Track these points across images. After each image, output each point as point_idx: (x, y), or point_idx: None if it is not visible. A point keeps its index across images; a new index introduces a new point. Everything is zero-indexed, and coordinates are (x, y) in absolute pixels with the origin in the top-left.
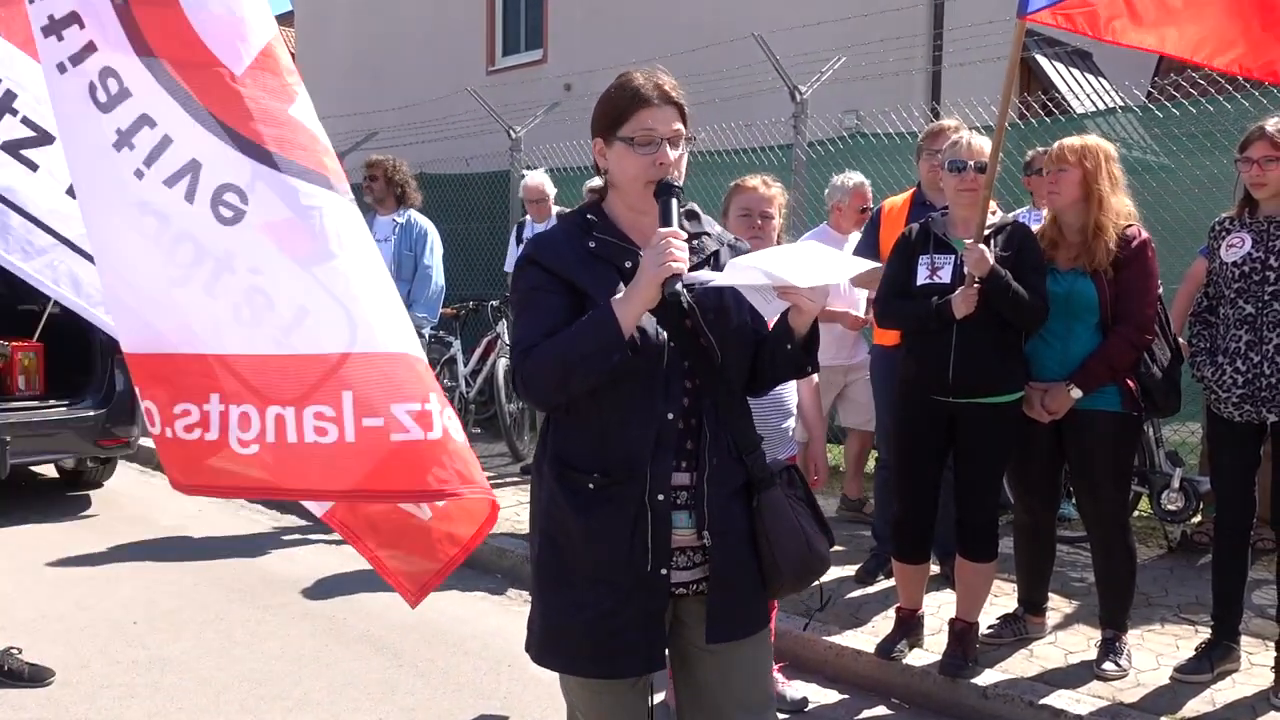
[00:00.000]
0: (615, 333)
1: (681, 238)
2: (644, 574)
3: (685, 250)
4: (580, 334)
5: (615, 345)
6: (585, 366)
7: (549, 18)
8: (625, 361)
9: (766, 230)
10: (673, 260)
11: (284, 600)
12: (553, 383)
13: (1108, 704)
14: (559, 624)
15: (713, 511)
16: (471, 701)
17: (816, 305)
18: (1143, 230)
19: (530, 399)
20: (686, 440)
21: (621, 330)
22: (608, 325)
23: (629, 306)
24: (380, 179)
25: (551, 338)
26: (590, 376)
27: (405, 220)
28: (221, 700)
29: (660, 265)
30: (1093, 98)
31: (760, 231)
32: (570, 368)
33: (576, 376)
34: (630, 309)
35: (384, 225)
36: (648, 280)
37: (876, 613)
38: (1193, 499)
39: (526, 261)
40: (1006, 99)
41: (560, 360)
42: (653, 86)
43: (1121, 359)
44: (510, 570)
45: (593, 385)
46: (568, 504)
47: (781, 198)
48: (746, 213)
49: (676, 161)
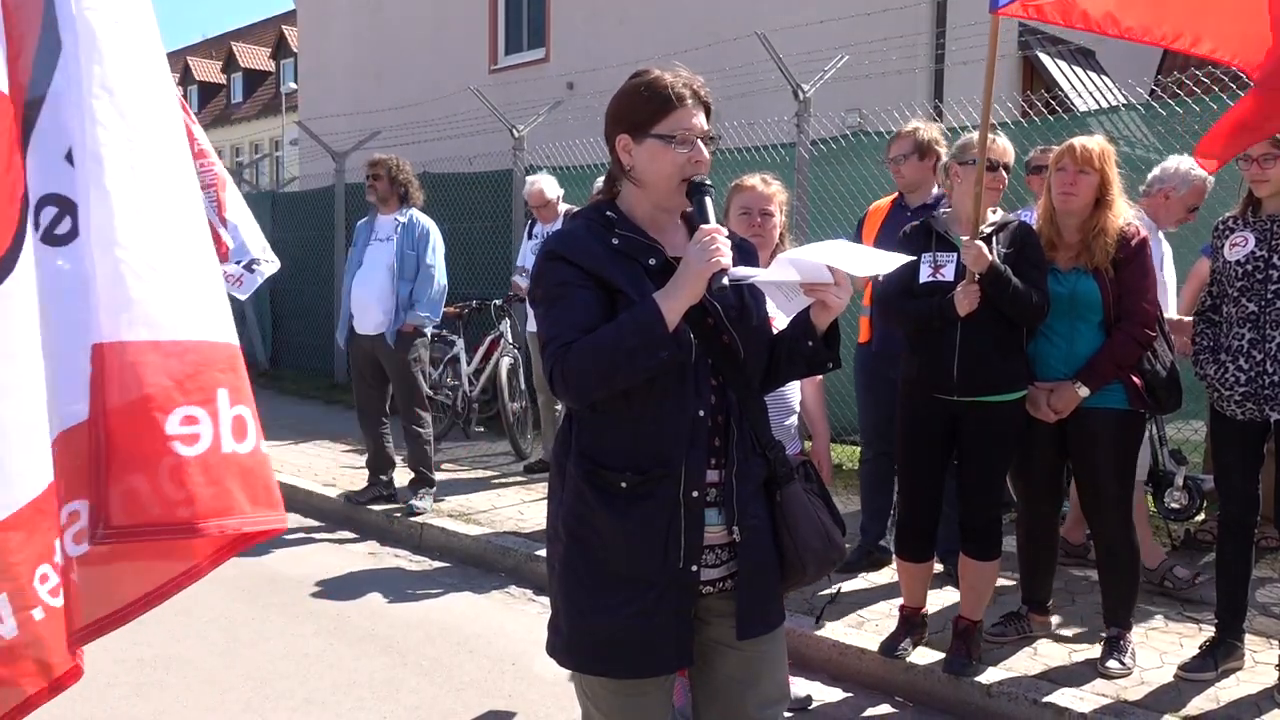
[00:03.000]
0: (662, 328)
1: (724, 234)
2: (677, 572)
3: (729, 246)
4: (626, 329)
5: (662, 341)
6: (632, 363)
7: (551, 16)
8: (673, 357)
9: (767, 228)
10: (720, 255)
11: (289, 599)
12: (596, 379)
13: (1111, 702)
14: (591, 625)
15: (741, 507)
16: (476, 700)
17: (843, 302)
18: (1141, 229)
19: (569, 396)
20: (715, 438)
21: (668, 326)
22: (654, 321)
23: (675, 302)
24: (384, 178)
25: (592, 334)
26: (636, 373)
27: (407, 219)
28: (227, 699)
29: (708, 261)
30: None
31: (760, 230)
32: (616, 364)
33: (622, 373)
34: (676, 304)
35: (386, 225)
36: (695, 275)
37: (880, 612)
38: (1196, 497)
39: (553, 256)
40: (989, 96)
41: (605, 357)
42: (685, 86)
43: (1127, 356)
44: (514, 569)
45: (637, 381)
46: (599, 503)
47: (781, 195)
48: (746, 211)
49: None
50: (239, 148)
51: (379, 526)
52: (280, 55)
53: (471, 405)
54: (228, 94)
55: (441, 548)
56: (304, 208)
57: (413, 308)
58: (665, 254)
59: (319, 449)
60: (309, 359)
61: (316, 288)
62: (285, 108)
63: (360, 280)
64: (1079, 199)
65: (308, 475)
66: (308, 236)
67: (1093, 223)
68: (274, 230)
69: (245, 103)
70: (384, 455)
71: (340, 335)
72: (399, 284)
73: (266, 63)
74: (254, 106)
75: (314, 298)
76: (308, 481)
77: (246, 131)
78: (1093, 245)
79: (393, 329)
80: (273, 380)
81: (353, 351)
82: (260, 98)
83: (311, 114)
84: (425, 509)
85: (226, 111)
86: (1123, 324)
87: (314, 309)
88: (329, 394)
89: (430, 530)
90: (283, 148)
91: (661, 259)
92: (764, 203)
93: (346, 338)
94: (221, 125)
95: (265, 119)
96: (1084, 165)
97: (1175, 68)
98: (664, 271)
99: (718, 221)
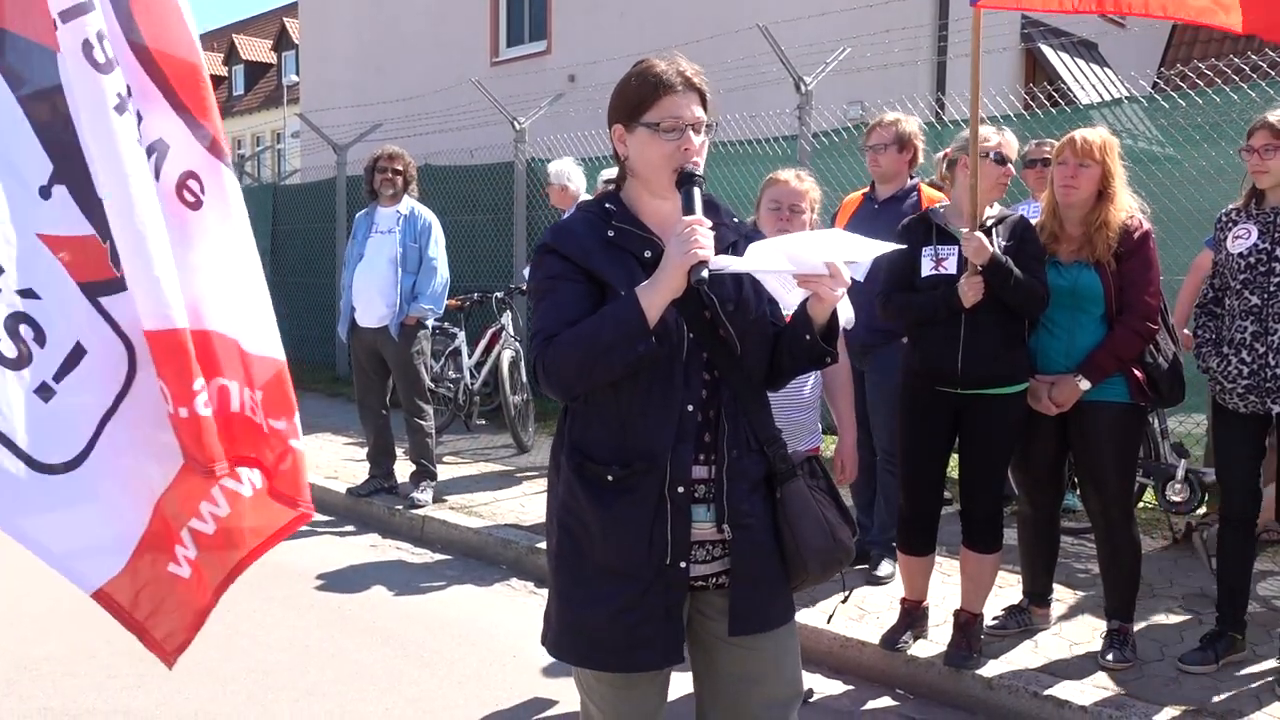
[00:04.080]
0: (640, 322)
1: (706, 225)
2: (663, 567)
3: (710, 238)
4: (605, 323)
5: (640, 334)
6: (610, 356)
7: (552, 9)
8: (650, 351)
9: (795, 224)
10: (698, 248)
11: (290, 591)
12: (575, 372)
13: (1112, 695)
14: (577, 617)
15: (733, 505)
16: (477, 692)
17: (837, 294)
18: (1144, 221)
19: (551, 388)
20: (705, 433)
21: (647, 319)
22: (633, 314)
23: (654, 295)
24: (404, 173)
25: (574, 326)
26: (615, 366)
27: (409, 212)
28: (228, 690)
29: (686, 253)
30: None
31: (789, 225)
32: (594, 357)
33: (600, 366)
34: (656, 298)
35: (388, 217)
36: (674, 268)
37: (881, 604)
38: (1198, 490)
39: (545, 250)
40: (976, 89)
41: (584, 349)
42: (675, 73)
43: (1128, 349)
44: (515, 562)
45: (616, 375)
46: (586, 496)
47: (815, 193)
48: (776, 205)
49: (699, 148)
50: (240, 140)
51: (380, 519)
52: (282, 47)
53: (473, 398)
54: (229, 86)
55: (443, 540)
56: (305, 200)
57: (415, 300)
58: (661, 246)
59: (321, 442)
60: (310, 352)
61: (318, 280)
62: (286, 100)
63: (362, 273)
64: (1080, 192)
65: (309, 468)
66: (309, 229)
67: (1094, 216)
68: (275, 223)
69: (247, 95)
70: (385, 448)
71: (342, 328)
72: (402, 277)
73: (268, 55)
74: (255, 99)
75: (315, 291)
76: (309, 474)
77: (248, 124)
78: (1094, 238)
79: (396, 321)
80: None
81: (354, 344)
82: (262, 90)
83: (313, 106)
84: (426, 502)
85: (228, 104)
86: (1124, 317)
87: (315, 302)
88: (330, 387)
89: (431, 523)
90: (284, 140)
91: (657, 251)
92: (795, 198)
93: (348, 330)
94: (223, 117)
95: (266, 111)
96: (1084, 158)
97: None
98: (658, 264)
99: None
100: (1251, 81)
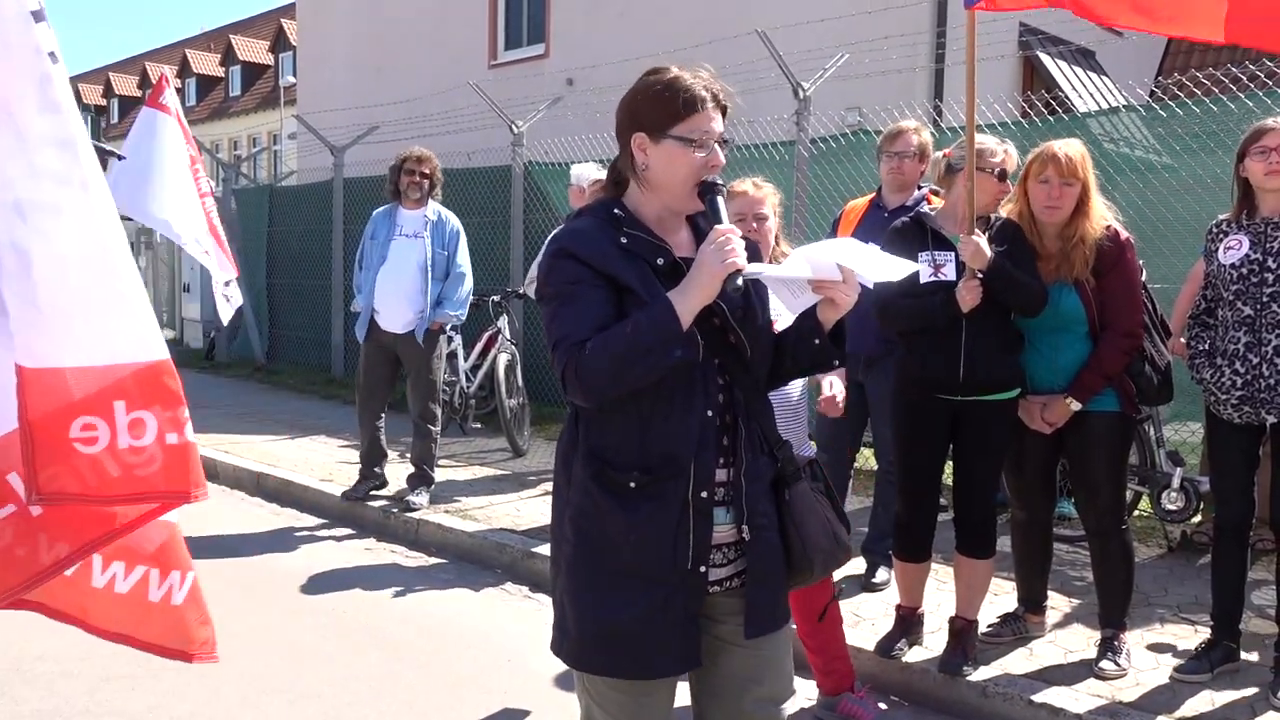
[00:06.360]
0: (677, 327)
1: (738, 234)
2: (685, 572)
3: (743, 246)
4: (642, 329)
5: (676, 340)
6: (646, 362)
7: (551, 12)
8: (688, 357)
9: (762, 232)
10: (734, 255)
11: (285, 594)
12: (609, 378)
13: (1106, 703)
14: (598, 625)
15: (751, 506)
16: (472, 695)
17: (851, 300)
18: (1122, 230)
19: (583, 395)
20: (723, 437)
21: (683, 325)
22: (669, 320)
23: (689, 301)
24: (431, 176)
25: (605, 332)
26: (650, 372)
27: (437, 217)
28: (222, 693)
29: (724, 262)
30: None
31: (757, 234)
32: (630, 363)
33: (636, 372)
34: (690, 303)
35: (413, 220)
36: (710, 275)
37: (877, 611)
38: (1193, 499)
39: (563, 254)
40: (971, 92)
41: (620, 355)
42: (706, 89)
43: (1113, 365)
44: (510, 565)
45: (649, 381)
46: (607, 502)
47: (774, 197)
48: (741, 217)
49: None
50: (237, 141)
51: (375, 522)
52: (279, 49)
53: (468, 401)
54: (226, 87)
55: (438, 544)
56: (302, 202)
57: (440, 305)
58: (674, 254)
59: (316, 444)
60: (306, 354)
61: (314, 283)
62: (284, 101)
63: (387, 277)
64: (1064, 211)
65: (304, 471)
66: (305, 231)
67: (1071, 230)
68: (271, 224)
69: (243, 96)
70: (378, 449)
71: (360, 331)
72: (429, 284)
73: (265, 56)
74: (252, 100)
75: (311, 293)
76: (304, 477)
77: (244, 125)
78: (1072, 255)
79: (423, 327)
80: (269, 376)
81: (369, 346)
82: (259, 91)
83: (310, 108)
84: (422, 505)
85: (225, 105)
86: (1108, 334)
87: (311, 304)
88: (326, 389)
89: (426, 526)
90: (281, 141)
91: (670, 259)
92: (757, 206)
93: (366, 332)
94: (219, 119)
95: (263, 112)
96: (1069, 177)
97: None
98: (671, 272)
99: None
100: (1249, 91)
